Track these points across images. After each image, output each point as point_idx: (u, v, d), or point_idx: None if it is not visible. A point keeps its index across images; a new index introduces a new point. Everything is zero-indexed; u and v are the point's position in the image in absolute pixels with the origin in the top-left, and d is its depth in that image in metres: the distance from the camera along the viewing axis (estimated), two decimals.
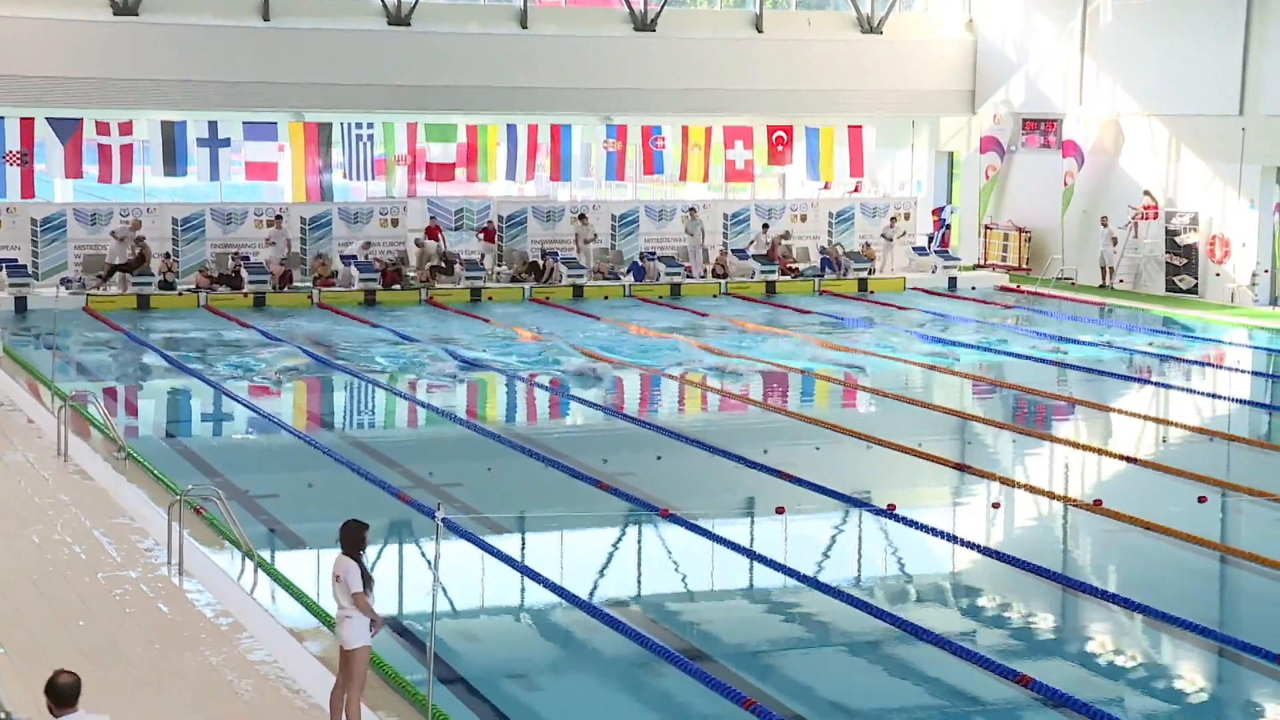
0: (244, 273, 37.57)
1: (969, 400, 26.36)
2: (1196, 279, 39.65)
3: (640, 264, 40.68)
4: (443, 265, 39.01)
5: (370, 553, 15.41)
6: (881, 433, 23.54)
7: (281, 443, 22.93)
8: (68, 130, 37.84)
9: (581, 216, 41.14)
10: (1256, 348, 33.06)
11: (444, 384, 27.64)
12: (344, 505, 19.69)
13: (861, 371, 29.37)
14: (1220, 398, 27.18)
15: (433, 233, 39.97)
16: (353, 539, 11.65)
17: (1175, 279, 40.10)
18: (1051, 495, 20.70)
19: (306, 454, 22.10)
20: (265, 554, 17.07)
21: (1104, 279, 41.45)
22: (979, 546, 18.51)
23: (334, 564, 11.67)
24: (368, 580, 11.59)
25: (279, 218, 38.76)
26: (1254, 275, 38.36)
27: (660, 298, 39.64)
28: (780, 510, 19.47)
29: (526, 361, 29.46)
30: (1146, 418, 25.50)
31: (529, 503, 20.01)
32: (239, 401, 25.72)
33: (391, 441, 22.95)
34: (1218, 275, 39.17)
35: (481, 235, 40.44)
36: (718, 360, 29.99)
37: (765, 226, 42.29)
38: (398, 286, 38.09)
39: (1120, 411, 25.72)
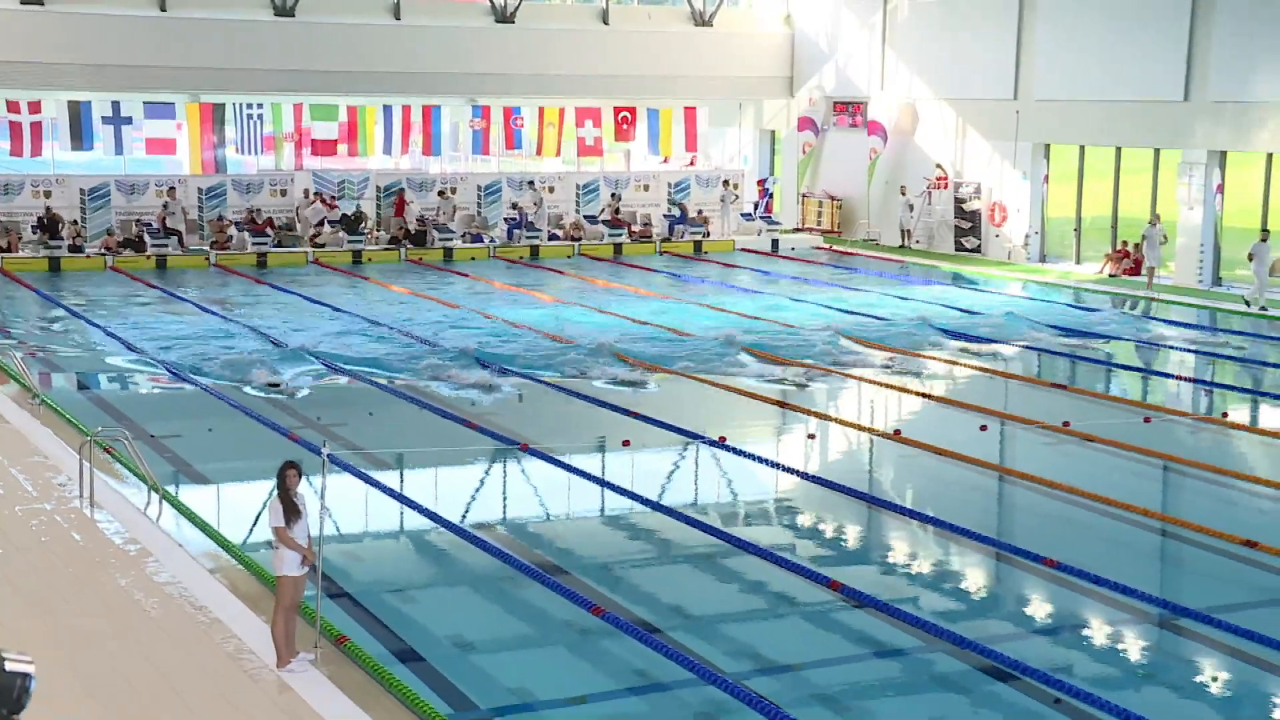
0: (146, 237, 37.12)
1: (791, 347, 26.54)
2: (980, 240, 40.47)
3: (513, 227, 40.71)
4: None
5: (265, 486, 15.37)
6: (714, 375, 23.78)
7: (184, 392, 22.63)
8: None
9: (452, 189, 40.99)
10: (1031, 299, 33.74)
11: (329, 338, 27.39)
12: (240, 446, 19.65)
13: (698, 321, 29.49)
14: (1000, 342, 27.57)
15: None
16: (282, 480, 11.58)
17: (962, 240, 40.89)
18: (858, 427, 21.04)
19: (207, 401, 21.85)
20: (169, 488, 16.91)
21: (903, 240, 42.13)
22: (798, 472, 18.82)
23: (270, 502, 11.69)
24: (295, 515, 11.49)
25: (172, 189, 38.26)
26: (1026, 237, 39.23)
27: (521, 259, 39.60)
28: (626, 443, 19.66)
29: (404, 320, 29.30)
30: (941, 360, 25.89)
31: (405, 441, 19.98)
32: (144, 355, 25.34)
33: (282, 390, 22.70)
34: (997, 236, 40.02)
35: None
36: (575, 313, 30.06)
37: (615, 196, 42.49)
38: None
39: (918, 355, 26.07)
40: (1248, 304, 31.74)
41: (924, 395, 22.84)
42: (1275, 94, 32.93)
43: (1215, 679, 12.56)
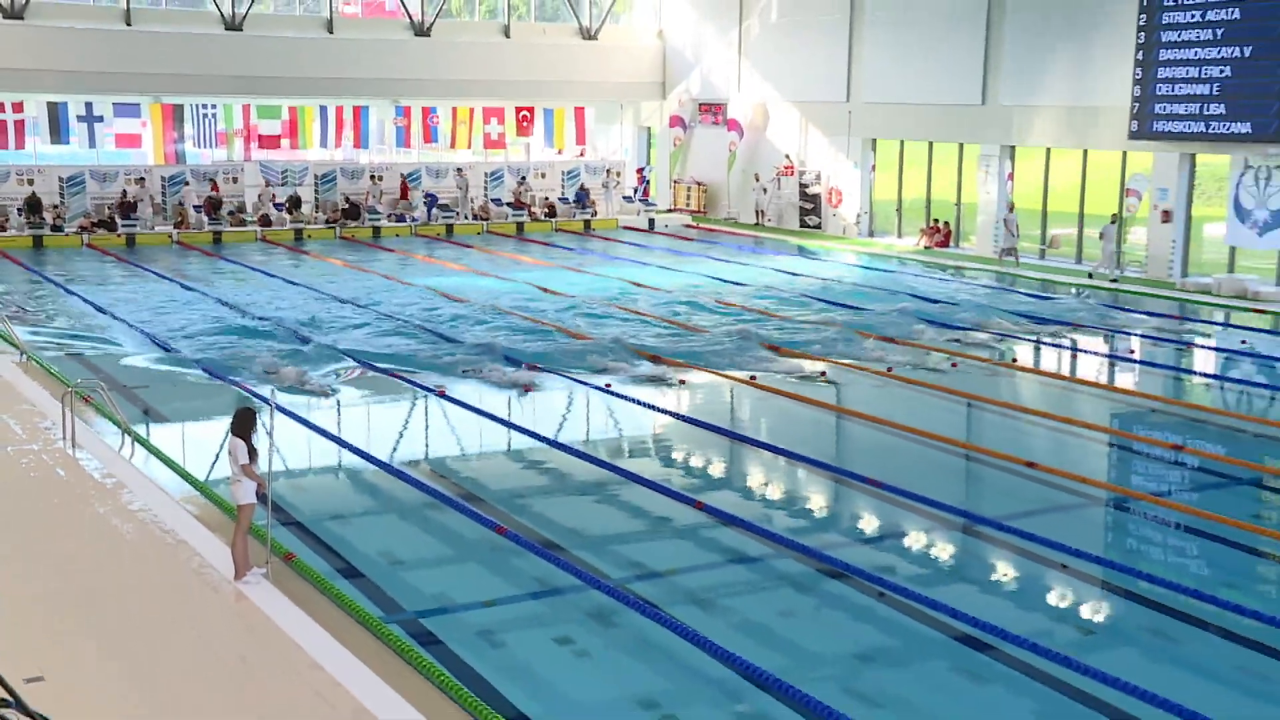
0: (117, 218, 36.50)
1: (668, 307, 26.66)
2: (820, 218, 40.79)
3: (430, 207, 40.46)
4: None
5: (221, 428, 15.22)
6: (596, 332, 23.80)
7: (151, 351, 22.26)
8: None
9: (380, 177, 40.71)
10: (861, 267, 34.13)
11: (276, 301, 27.06)
12: (200, 394, 19.40)
13: (590, 286, 29.53)
14: (842, 306, 27.75)
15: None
16: (239, 422, 11.51)
17: (806, 219, 41.20)
18: (720, 375, 21.11)
19: (170, 359, 21.55)
20: (140, 430, 16.69)
21: (758, 219, 42.35)
22: (670, 412, 18.91)
23: (229, 442, 11.57)
24: (253, 453, 11.44)
25: (141, 179, 37.67)
26: (858, 215, 39.61)
27: (438, 235, 39.35)
28: (528, 389, 19.66)
29: (351, 286, 29.03)
30: (787, 318, 25.99)
31: (341, 389, 19.79)
32: (118, 318, 24.91)
33: (235, 346, 22.41)
34: (834, 215, 40.35)
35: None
36: (489, 283, 29.99)
37: (521, 181, 42.40)
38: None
39: (767, 314, 26.26)
40: (1090, 276, 31.79)
41: (773, 348, 22.93)
42: (1050, 100, 33.55)
43: (1006, 574, 12.89)
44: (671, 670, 10.40)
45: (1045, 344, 24.50)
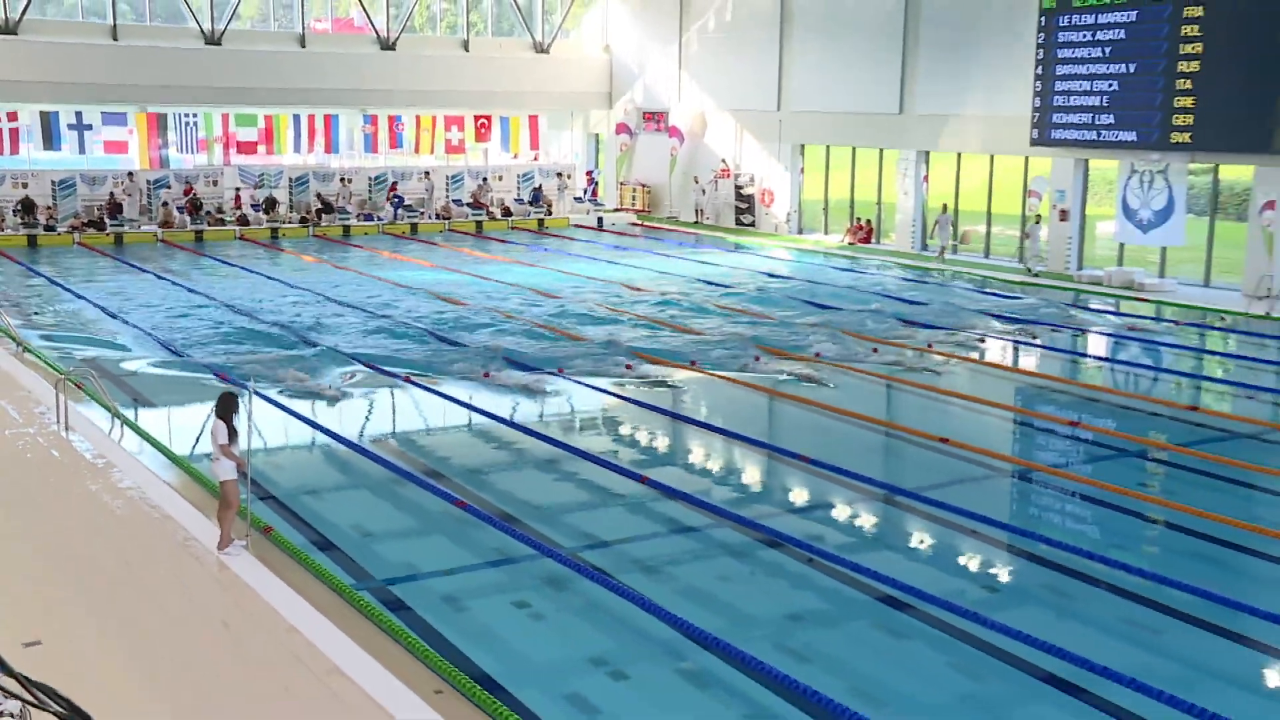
0: (106, 219, 36.00)
1: (618, 298, 26.66)
2: (754, 216, 40.88)
3: (397, 207, 40.17)
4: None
5: (204, 413, 15.06)
6: (556, 322, 23.77)
7: (139, 342, 22.00)
8: None
9: (350, 179, 40.34)
10: (798, 260, 34.25)
11: (260, 295, 26.81)
12: (182, 384, 19.18)
13: (542, 277, 29.49)
14: (775, 301, 27.89)
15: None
16: (221, 406, 11.42)
17: (741, 217, 41.27)
18: (661, 363, 21.02)
19: (155, 349, 21.31)
20: (129, 414, 16.50)
21: (697, 217, 42.38)
22: (621, 397, 18.91)
23: (211, 424, 11.49)
24: (233, 434, 11.35)
25: (130, 173, 37.33)
26: (788, 214, 39.73)
27: (404, 233, 39.08)
28: (486, 375, 19.58)
29: (321, 281, 28.77)
30: (706, 304, 26.02)
31: (315, 379, 19.60)
32: (106, 311, 24.58)
33: (216, 340, 22.21)
34: (767, 214, 40.45)
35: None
36: (449, 275, 29.81)
37: (483, 183, 42.19)
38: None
39: (689, 298, 26.32)
40: (1030, 272, 31.48)
41: (694, 333, 22.98)
42: (960, 110, 33.78)
43: (922, 540, 13.02)
44: (619, 631, 10.42)
45: (972, 338, 24.61)
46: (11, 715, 4.73)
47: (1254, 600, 11.15)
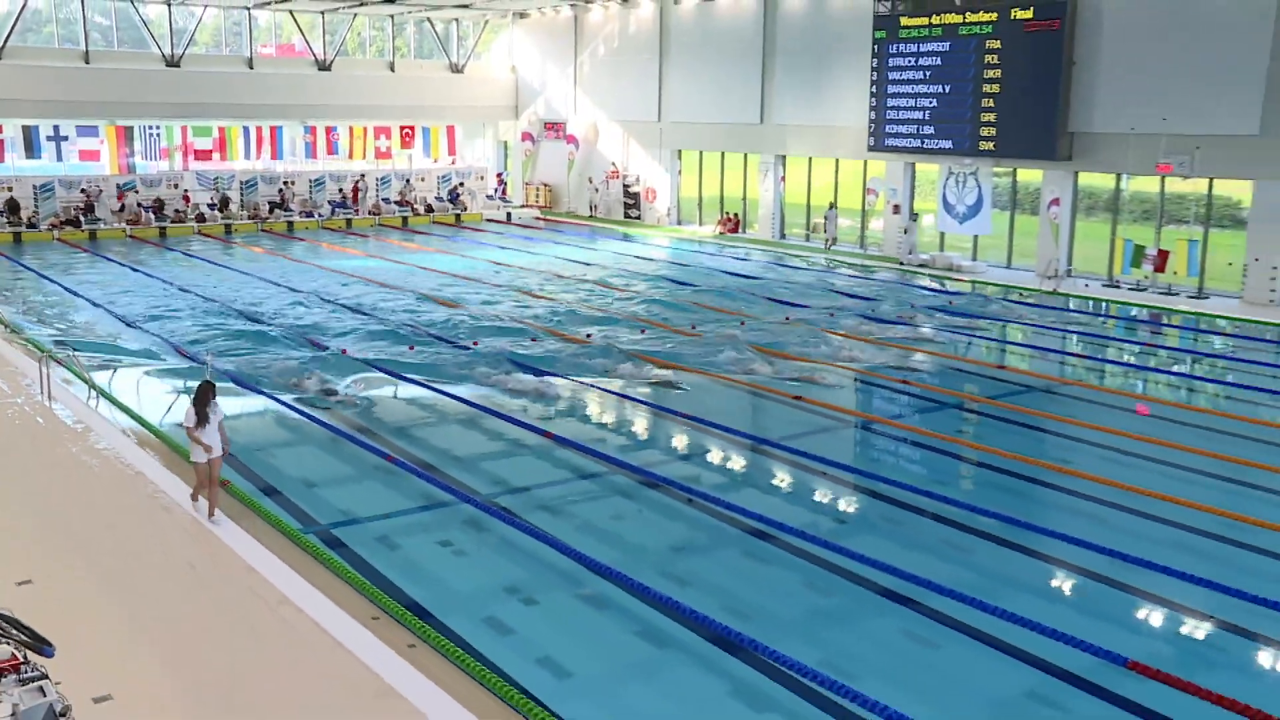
0: (82, 218, 34.69)
1: (535, 280, 26.35)
2: (640, 211, 40.77)
3: (337, 205, 39.24)
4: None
5: (171, 386, 14.57)
6: (475, 303, 23.48)
7: (114, 324, 21.24)
8: None
9: (292, 181, 39.34)
10: (674, 247, 34.25)
11: (217, 282, 26.02)
12: (153, 358, 18.52)
13: (459, 264, 29.05)
14: (667, 284, 27.79)
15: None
16: (197, 393, 10.94)
17: (629, 212, 41.11)
18: (589, 341, 20.87)
19: (127, 331, 20.57)
20: (104, 385, 15.92)
21: (591, 212, 42.14)
22: (529, 368, 18.53)
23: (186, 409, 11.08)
24: (203, 419, 10.77)
25: (100, 189, 35.88)
26: (668, 209, 39.70)
27: (340, 228, 38.20)
28: (411, 348, 19.19)
29: (282, 271, 27.99)
30: (621, 288, 25.95)
31: (283, 361, 19.03)
32: (86, 299, 23.66)
33: (180, 321, 21.50)
34: (650, 209, 40.37)
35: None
36: (386, 264, 29.25)
37: (407, 184, 41.42)
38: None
39: (606, 285, 26.16)
40: (825, 246, 32.05)
41: (612, 316, 22.83)
42: (810, 120, 34.03)
43: (782, 481, 13.14)
44: (529, 563, 10.35)
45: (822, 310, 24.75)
46: None
47: (1043, 522, 11.49)
